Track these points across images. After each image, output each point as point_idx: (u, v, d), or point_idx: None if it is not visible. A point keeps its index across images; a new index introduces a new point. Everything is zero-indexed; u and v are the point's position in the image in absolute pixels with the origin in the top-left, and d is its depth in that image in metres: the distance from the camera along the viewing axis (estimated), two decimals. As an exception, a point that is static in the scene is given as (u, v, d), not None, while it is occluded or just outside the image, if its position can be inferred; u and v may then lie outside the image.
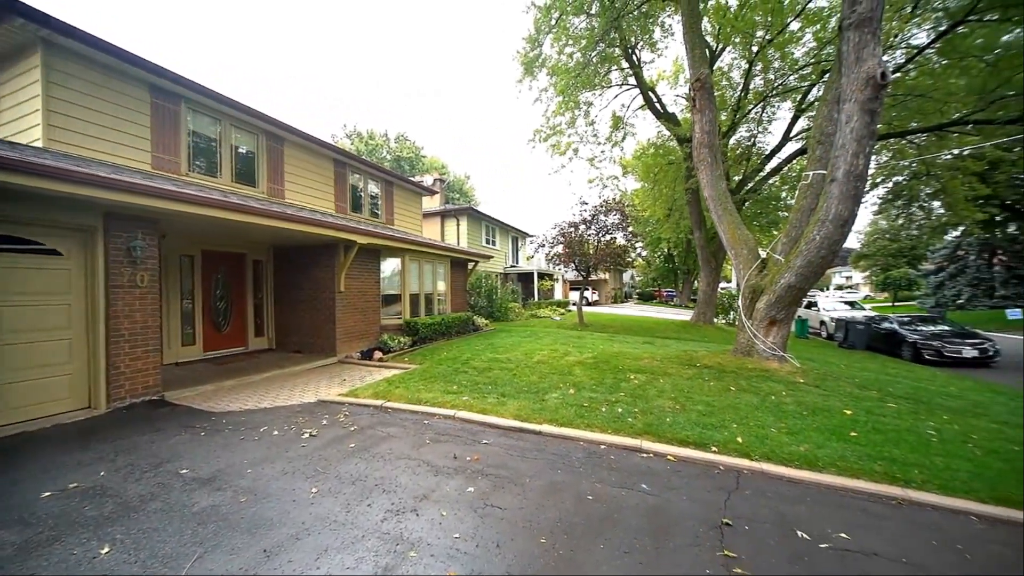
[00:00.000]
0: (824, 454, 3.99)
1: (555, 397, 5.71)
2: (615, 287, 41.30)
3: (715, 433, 4.43)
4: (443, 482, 3.53)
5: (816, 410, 5.25)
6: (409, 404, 5.64)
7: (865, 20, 5.18)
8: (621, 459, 4.00)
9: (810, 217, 6.42)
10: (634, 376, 6.73)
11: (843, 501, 3.35)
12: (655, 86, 16.73)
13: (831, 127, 6.37)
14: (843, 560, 2.59)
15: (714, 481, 3.60)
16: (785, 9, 12.78)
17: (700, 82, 8.07)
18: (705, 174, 8.24)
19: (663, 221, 21.22)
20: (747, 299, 7.55)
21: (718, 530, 2.87)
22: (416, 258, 11.41)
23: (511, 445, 4.33)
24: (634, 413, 5.03)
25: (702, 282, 18.44)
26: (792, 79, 15.01)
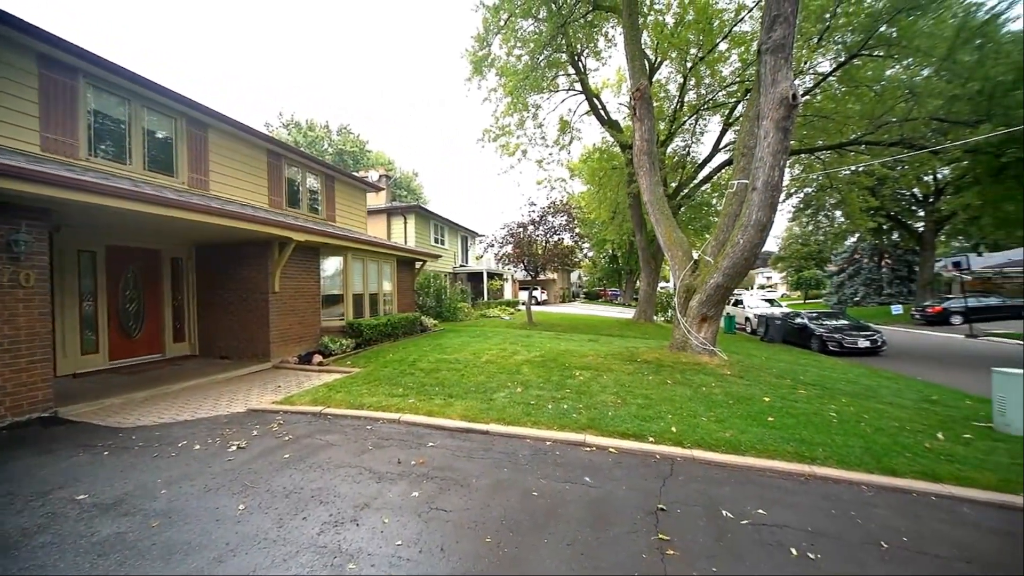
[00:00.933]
0: (746, 439, 4.38)
1: (503, 396, 5.74)
2: (563, 287, 42.47)
3: (652, 424, 4.70)
4: (386, 488, 3.41)
5: (740, 399, 5.76)
6: (351, 409, 5.38)
7: (779, 46, 5.78)
8: (566, 454, 4.11)
9: (735, 222, 7.04)
10: (580, 373, 6.96)
11: (762, 480, 3.70)
12: (599, 93, 17.43)
13: (753, 141, 7.03)
14: (759, 533, 2.86)
15: (651, 470, 3.81)
16: (714, 31, 13.89)
17: (639, 92, 8.53)
18: (644, 180, 8.73)
19: (608, 223, 22.16)
20: (682, 298, 8.11)
21: (654, 516, 3.04)
22: (360, 257, 10.92)
23: (458, 446, 4.28)
24: (579, 409, 5.20)
25: (643, 282, 19.51)
26: (721, 95, 16.36)
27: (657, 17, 14.51)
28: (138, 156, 7.48)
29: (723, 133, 17.03)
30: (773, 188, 6.13)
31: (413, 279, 14.78)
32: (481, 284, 26.40)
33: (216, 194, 8.82)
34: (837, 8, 12.06)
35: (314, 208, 12.11)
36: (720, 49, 14.74)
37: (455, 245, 25.14)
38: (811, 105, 14.40)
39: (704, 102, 16.63)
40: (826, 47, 13.28)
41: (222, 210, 6.59)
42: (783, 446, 4.23)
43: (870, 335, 13.08)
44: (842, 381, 7.62)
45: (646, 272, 18.96)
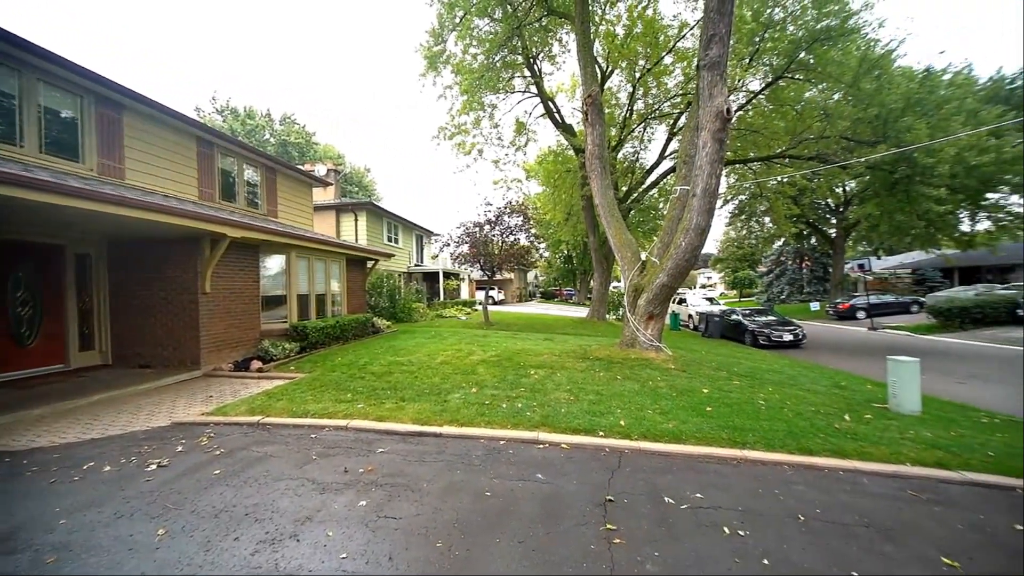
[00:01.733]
0: (687, 428, 4.67)
1: (457, 397, 5.68)
2: (520, 286, 42.90)
3: (602, 419, 4.87)
4: (331, 499, 3.24)
5: (683, 391, 6.13)
6: (293, 418, 5.06)
7: (715, 63, 6.24)
8: (519, 452, 4.14)
9: (678, 226, 7.48)
10: (534, 372, 7.05)
11: (700, 466, 3.96)
12: (554, 97, 17.81)
13: (693, 150, 7.52)
14: (697, 516, 3.05)
15: (601, 463, 3.95)
16: (660, 45, 14.69)
17: (591, 98, 8.82)
18: (596, 183, 9.04)
19: (563, 225, 22.70)
20: (631, 297, 8.49)
21: (602, 507, 3.15)
22: (305, 255, 10.31)
23: (409, 451, 4.17)
24: (533, 407, 5.26)
25: (596, 282, 20.21)
26: (666, 106, 17.34)
27: (608, 27, 15.07)
28: (33, 137, 6.51)
29: (668, 141, 18.06)
30: (711, 195, 6.60)
31: (364, 279, 14.21)
32: (437, 284, 25.96)
33: (133, 183, 7.91)
34: (765, 33, 13.24)
35: (253, 202, 11.25)
36: (665, 62, 15.61)
37: (410, 244, 24.51)
38: (744, 120, 15.68)
39: (651, 111, 17.53)
40: (756, 68, 14.53)
41: (139, 201, 5.92)
42: (719, 433, 4.56)
43: (793, 329, 14.50)
44: (769, 371, 8.36)
45: (599, 272, 19.63)
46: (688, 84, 15.35)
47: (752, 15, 13.04)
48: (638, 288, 8.26)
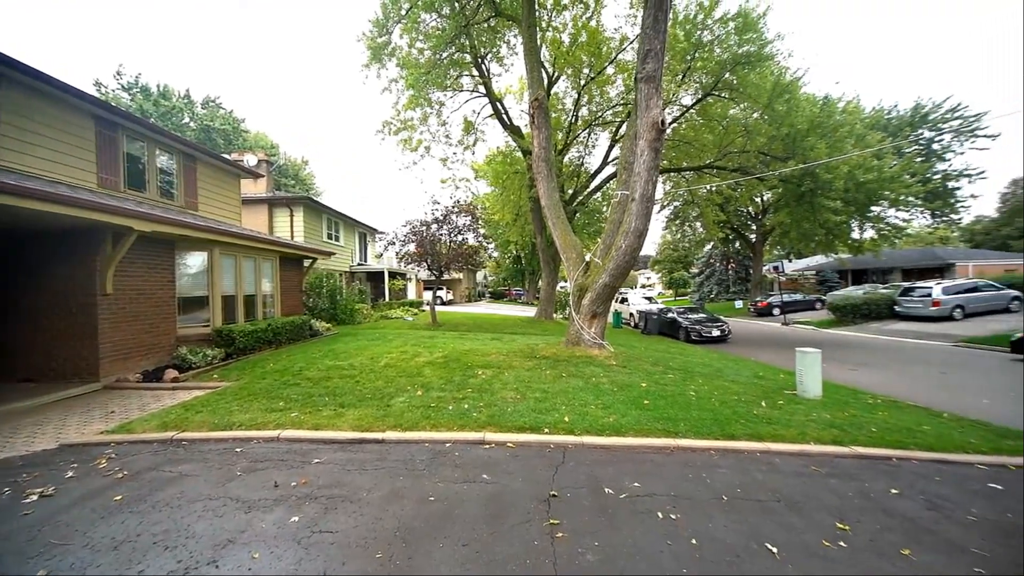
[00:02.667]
0: (626, 421, 4.91)
1: (401, 401, 5.50)
2: (469, 286, 42.64)
3: (548, 416, 4.98)
4: (258, 518, 2.98)
5: (623, 386, 6.44)
6: (215, 431, 4.60)
7: (651, 77, 6.65)
8: (465, 454, 4.10)
9: (618, 229, 7.86)
10: (482, 372, 7.03)
11: (638, 457, 4.18)
12: (503, 98, 17.90)
13: (632, 157, 7.94)
14: (634, 504, 3.22)
15: (546, 459, 4.03)
16: (603, 55, 15.35)
17: (538, 102, 9.00)
18: (543, 185, 9.22)
19: (511, 225, 22.91)
20: (576, 296, 8.77)
21: (546, 503, 3.21)
22: (231, 252, 9.43)
23: (348, 459, 3.96)
24: (479, 407, 5.24)
25: (544, 282, 20.64)
26: (609, 114, 18.16)
27: (555, 34, 15.46)
28: None
29: (611, 148, 18.91)
30: (648, 200, 7.02)
31: (301, 279, 13.30)
32: (382, 284, 24.98)
33: (9, 166, 6.73)
34: (695, 53, 14.35)
35: (168, 193, 10.06)
36: (608, 72, 16.35)
37: (352, 242, 23.34)
38: (678, 132, 16.87)
39: (595, 118, 18.26)
40: (688, 84, 15.69)
41: (15, 187, 5.04)
42: (655, 425, 4.85)
43: (720, 325, 15.85)
44: (700, 365, 9.06)
45: (546, 273, 20.06)
46: (628, 94, 16.19)
47: (684, 35, 14.06)
48: (582, 288, 8.56)
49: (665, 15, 6.78)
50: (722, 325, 15.90)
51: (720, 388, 6.70)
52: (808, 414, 5.46)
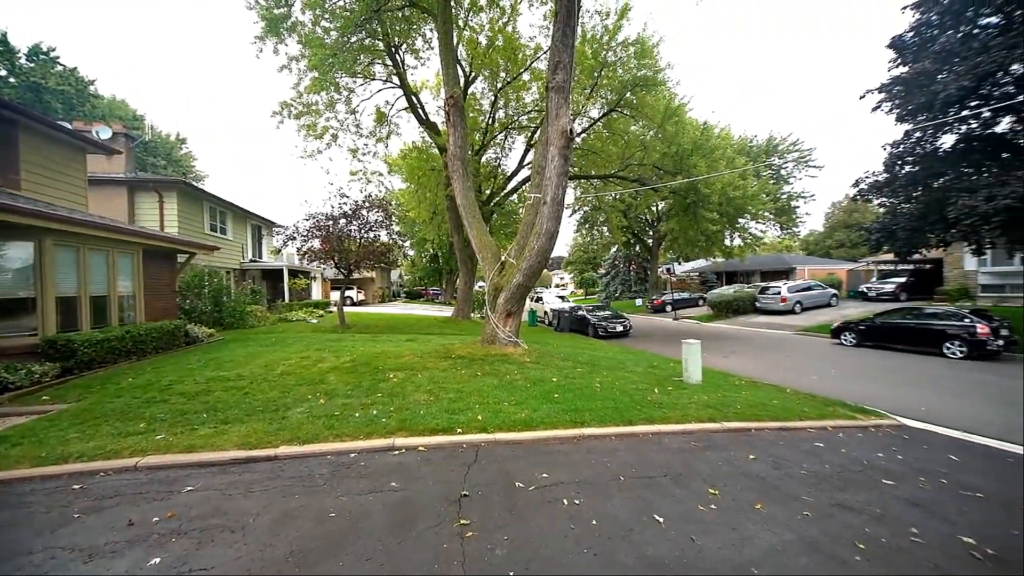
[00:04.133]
0: (538, 415, 5.10)
1: (300, 412, 4.99)
2: (383, 286, 40.52)
3: (461, 416, 4.94)
4: (102, 567, 2.44)
5: (536, 382, 6.68)
6: (41, 467, 3.67)
7: (561, 87, 7.02)
8: (372, 462, 3.87)
9: (531, 230, 8.15)
10: (394, 375, 6.72)
11: (548, 448, 4.37)
12: (418, 92, 17.35)
13: (544, 162, 8.29)
14: (543, 494, 3.35)
15: (458, 460, 3.99)
16: (519, 61, 15.78)
17: (453, 99, 8.90)
18: (458, 184, 9.15)
19: (427, 223, 22.31)
20: (491, 296, 8.87)
21: (457, 504, 3.18)
22: (70, 243, 7.64)
23: (231, 483, 3.47)
24: (389, 412, 5.00)
25: (461, 281, 20.51)
26: (524, 119, 18.74)
27: (472, 34, 15.44)
28: None
29: (526, 152, 19.53)
30: (558, 203, 7.39)
31: (174, 277, 11.31)
32: (281, 284, 22.42)
33: None
34: (602, 71, 15.53)
35: (-33, 164, 7.75)
36: (524, 79, 16.85)
37: (244, 236, 20.54)
38: (587, 142, 18.09)
39: (512, 121, 18.69)
40: (595, 99, 16.92)
41: None
42: (563, 416, 5.12)
43: (623, 321, 17.38)
44: (605, 358, 9.82)
45: (464, 272, 19.96)
46: (542, 102, 16.88)
47: (592, 53, 15.13)
48: (498, 287, 8.69)
49: (573, 31, 7.20)
50: (624, 321, 17.46)
51: (621, 379, 7.33)
52: (691, 397, 6.26)
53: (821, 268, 32.49)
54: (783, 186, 32.71)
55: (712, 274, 37.84)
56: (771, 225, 32.63)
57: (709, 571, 2.48)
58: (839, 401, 6.55)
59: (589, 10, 14.83)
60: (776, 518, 3.10)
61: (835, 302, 22.71)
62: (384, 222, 14.78)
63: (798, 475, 3.88)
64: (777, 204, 29.26)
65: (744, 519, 3.07)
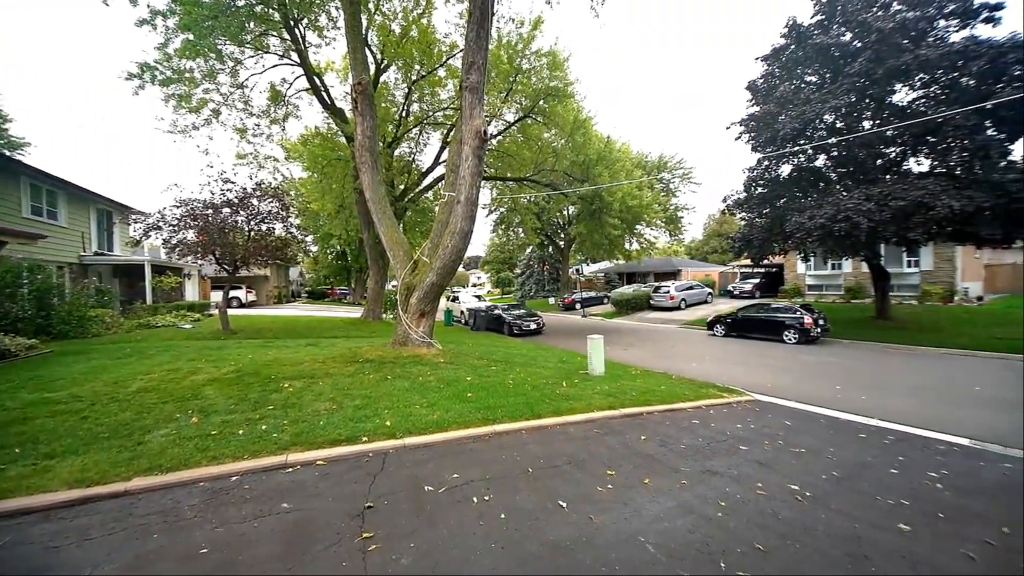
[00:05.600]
0: (450, 416, 5.04)
1: (164, 434, 4.21)
2: (279, 285, 36.32)
3: (368, 423, 4.65)
4: None
5: (449, 382, 6.59)
6: None
7: (475, 88, 7.04)
8: (260, 484, 3.44)
9: (445, 229, 8.03)
10: (290, 384, 6.06)
11: (460, 448, 4.34)
12: (323, 74, 15.90)
13: (458, 161, 8.23)
14: (452, 495, 3.32)
15: (363, 470, 3.75)
16: (434, 56, 15.43)
17: (362, 86, 8.33)
18: (367, 177, 8.60)
19: (334, 217, 20.61)
20: (403, 295, 8.52)
21: (360, 517, 2.98)
22: None
23: (57, 532, 2.78)
24: (283, 426, 4.49)
25: (371, 280, 19.35)
26: (440, 116, 18.39)
27: (385, 20, 14.64)
28: None
29: (442, 149, 19.17)
30: (472, 203, 7.40)
31: (-29, 273, 8.68)
32: (142, 282, 18.64)
33: None
34: (517, 76, 15.98)
35: None
36: (440, 75, 16.52)
37: (86, 223, 16.61)
38: (503, 144, 18.44)
39: (426, 116, 18.19)
40: (511, 103, 17.34)
41: None
42: (476, 415, 5.14)
43: (536, 320, 18.09)
44: (519, 356, 10.11)
45: (374, 271, 18.85)
46: (458, 99, 16.77)
47: (508, 58, 15.48)
48: (410, 286, 8.39)
49: (487, 33, 7.27)
50: (538, 319, 18.20)
51: (533, 375, 7.62)
52: (594, 388, 6.76)
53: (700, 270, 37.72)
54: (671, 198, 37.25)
55: (615, 275, 41.45)
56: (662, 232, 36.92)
57: (603, 545, 2.70)
58: (711, 383, 7.67)
59: (504, 16, 15.17)
60: (661, 489, 3.51)
61: (710, 299, 26.55)
62: (280, 213, 13.21)
63: (679, 449, 4.44)
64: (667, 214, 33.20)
65: (635, 494, 3.42)
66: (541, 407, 5.59)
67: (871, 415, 5.93)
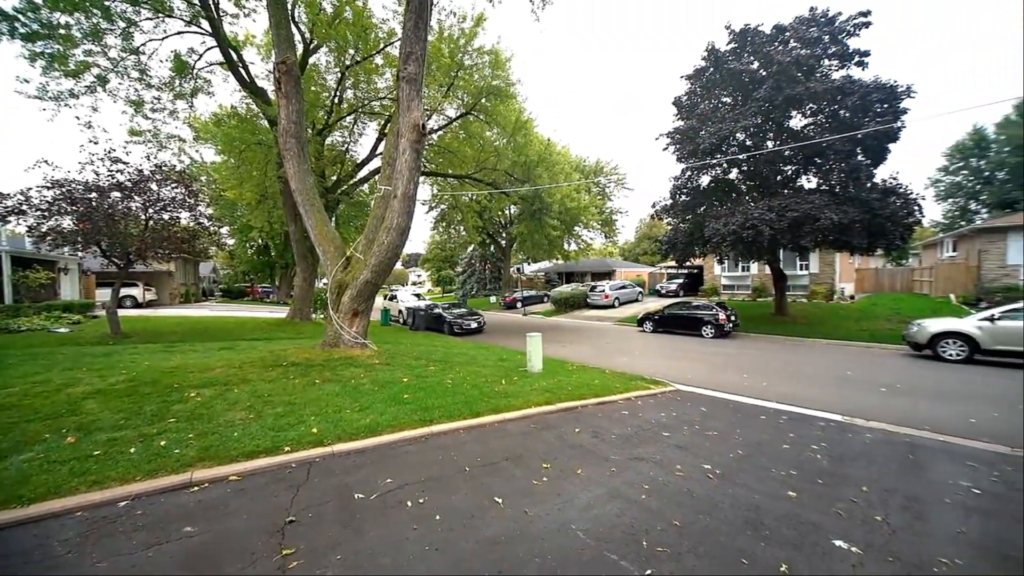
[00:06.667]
0: (384, 419, 4.83)
1: (25, 460, 3.52)
2: (188, 282, 32.24)
3: (291, 432, 4.30)
4: None
5: (385, 384, 6.32)
6: None
7: (413, 79, 6.81)
8: (156, 508, 3.01)
9: (381, 224, 7.68)
10: (196, 393, 5.40)
11: (395, 452, 4.18)
12: (241, 48, 14.36)
13: (396, 154, 7.91)
14: (384, 501, 3.18)
15: (285, 483, 3.45)
16: (370, 41, 14.66)
17: (286, 66, 7.65)
18: (292, 165, 7.93)
19: (255, 208, 18.75)
20: (334, 294, 8.00)
21: (280, 533, 2.74)
22: None
23: None
24: (187, 440, 3.99)
25: (299, 278, 17.94)
26: (377, 106, 17.55)
27: (314, -3, 13.59)
28: None
29: (379, 140, 18.31)
30: (410, 198, 7.16)
31: None
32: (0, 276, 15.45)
33: None
34: (458, 72, 15.76)
35: None
36: (377, 62, 15.73)
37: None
38: (443, 140, 18.10)
39: (362, 104, 17.25)
40: (452, 98, 17.07)
41: None
42: (412, 417, 4.98)
43: (477, 318, 18.03)
44: (459, 355, 9.99)
45: (302, 267, 17.49)
46: (396, 90, 16.13)
47: (449, 53, 15.20)
48: (342, 284, 7.90)
49: (425, 24, 7.07)
50: (479, 318, 18.15)
51: (473, 373, 7.58)
52: (533, 384, 6.90)
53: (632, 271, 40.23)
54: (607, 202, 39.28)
55: (555, 274, 42.71)
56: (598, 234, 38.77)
57: (536, 536, 2.77)
58: (640, 376, 8.21)
59: (446, 9, 14.92)
60: (592, 478, 3.68)
61: (641, 298, 28.45)
62: (187, 201, 11.70)
63: (610, 439, 4.69)
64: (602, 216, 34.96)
65: (568, 484, 3.54)
66: (480, 405, 5.58)
67: (770, 399, 6.75)
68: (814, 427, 5.34)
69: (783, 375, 8.81)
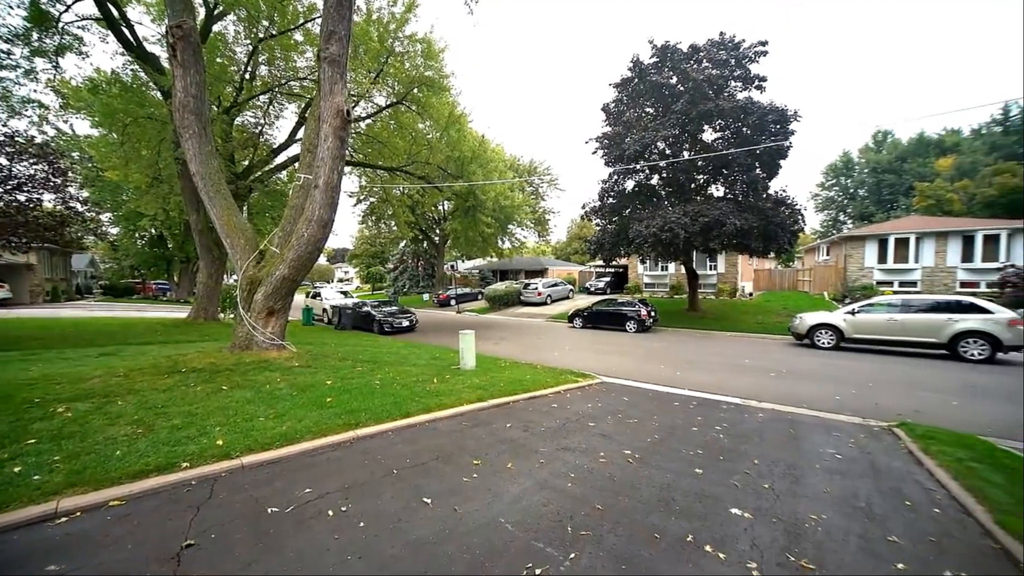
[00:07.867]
0: (303, 426, 4.50)
1: None
2: (56, 277, 26.93)
3: (190, 445, 3.83)
4: None
5: (305, 388, 5.89)
6: None
7: (336, 60, 6.37)
8: (5, 549, 2.50)
9: (300, 216, 7.10)
10: (66, 407, 4.56)
11: (315, 460, 3.91)
12: (125, 5, 12.28)
13: (317, 141, 7.35)
14: (302, 514, 2.97)
15: (182, 503, 3.07)
16: (288, 14, 13.40)
17: (182, 31, 6.69)
18: (192, 145, 6.99)
19: (145, 192, 16.17)
20: (245, 291, 7.24)
21: (173, 561, 2.44)
22: None
23: None
24: (51, 464, 3.36)
25: (203, 273, 15.89)
26: (297, 87, 16.11)
27: (219, -44, 12.04)
28: None
29: (299, 125, 16.84)
30: (333, 189, 6.70)
31: None
32: None
33: None
34: (388, 58, 15.05)
35: None
36: (296, 39, 14.41)
37: None
38: (372, 129, 17.19)
39: (279, 83, 15.72)
40: (382, 86, 16.26)
41: None
42: (335, 421, 4.71)
43: (409, 316, 17.49)
44: (388, 354, 9.62)
45: (207, 261, 15.50)
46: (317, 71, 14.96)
47: (378, 37, 14.45)
48: (254, 281, 7.18)
49: (350, 1, 6.65)
50: (411, 316, 17.62)
51: (403, 373, 7.36)
52: (465, 382, 6.89)
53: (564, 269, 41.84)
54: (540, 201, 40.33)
55: (489, 272, 42.89)
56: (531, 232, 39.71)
57: (465, 533, 2.79)
58: (569, 370, 8.60)
59: (375, -11, 14.11)
60: (521, 471, 3.79)
61: (572, 295, 29.73)
62: (50, 180, 9.75)
63: (539, 432, 4.87)
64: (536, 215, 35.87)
65: (498, 479, 3.61)
66: (410, 405, 5.45)
67: (682, 387, 7.49)
68: (718, 410, 6.04)
69: (694, 365, 9.82)
